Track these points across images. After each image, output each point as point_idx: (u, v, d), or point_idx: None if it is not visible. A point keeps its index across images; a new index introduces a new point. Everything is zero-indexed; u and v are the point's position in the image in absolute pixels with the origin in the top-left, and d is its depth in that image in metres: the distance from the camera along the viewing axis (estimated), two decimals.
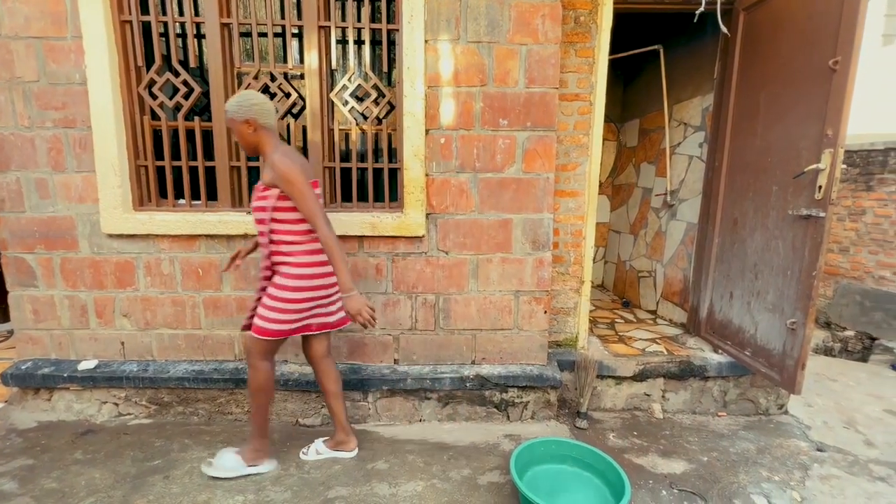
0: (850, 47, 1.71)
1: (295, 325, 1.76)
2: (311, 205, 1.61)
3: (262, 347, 1.75)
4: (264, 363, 1.77)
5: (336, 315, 1.88)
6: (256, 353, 1.75)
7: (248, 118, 1.63)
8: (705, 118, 2.85)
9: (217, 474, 1.81)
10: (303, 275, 1.70)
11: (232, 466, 1.82)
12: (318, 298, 1.77)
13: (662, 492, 1.88)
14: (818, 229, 1.87)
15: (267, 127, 1.67)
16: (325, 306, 1.83)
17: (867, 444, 2.29)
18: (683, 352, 2.62)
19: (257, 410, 1.80)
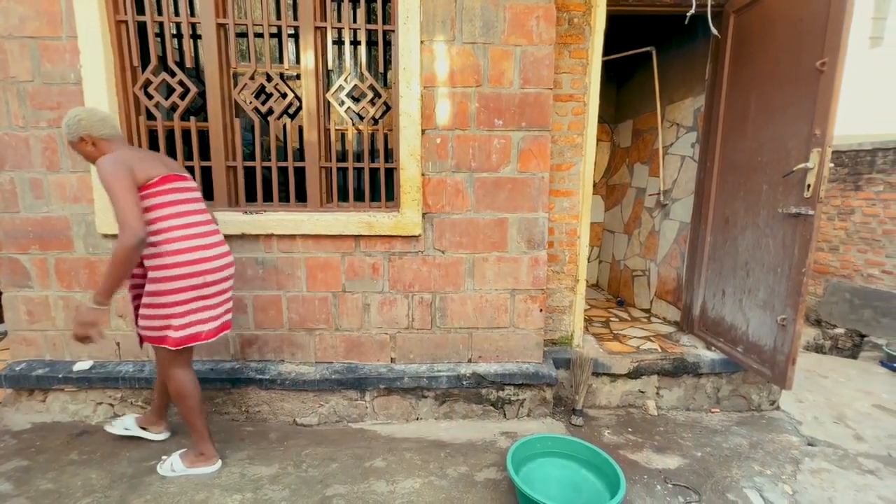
0: (836, 49, 1.76)
1: (181, 332, 1.67)
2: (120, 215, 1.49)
3: (170, 358, 1.72)
4: (178, 371, 1.75)
5: (220, 320, 1.81)
6: (166, 364, 1.74)
7: (81, 135, 1.59)
8: (697, 119, 2.89)
9: (164, 473, 1.82)
10: (165, 277, 1.63)
11: (177, 468, 1.83)
12: (194, 300, 1.68)
13: (657, 486, 1.90)
14: (807, 227, 1.91)
15: (105, 137, 1.62)
16: (209, 308, 1.74)
17: (857, 439, 2.33)
18: (677, 349, 2.65)
19: (188, 415, 1.78)
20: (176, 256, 1.63)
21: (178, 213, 1.67)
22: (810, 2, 1.92)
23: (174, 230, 1.64)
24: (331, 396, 2.26)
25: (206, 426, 1.85)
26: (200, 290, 1.69)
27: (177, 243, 1.64)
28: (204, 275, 1.69)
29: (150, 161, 1.65)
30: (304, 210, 2.24)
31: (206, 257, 1.70)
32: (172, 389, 1.76)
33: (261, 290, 2.26)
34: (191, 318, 1.70)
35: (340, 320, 2.30)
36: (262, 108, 2.20)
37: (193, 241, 1.68)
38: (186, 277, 1.65)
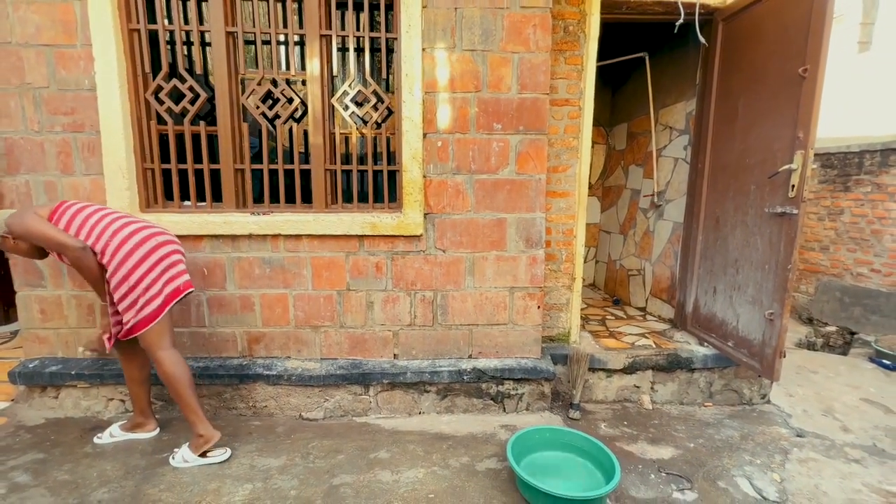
0: (817, 56, 1.85)
1: (158, 300, 1.82)
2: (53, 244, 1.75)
3: (151, 339, 1.83)
4: (166, 353, 1.85)
5: (183, 278, 1.92)
6: (154, 348, 1.84)
7: (3, 234, 1.77)
8: (689, 122, 2.98)
9: (177, 465, 1.89)
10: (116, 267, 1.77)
11: (189, 458, 1.90)
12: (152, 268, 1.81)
13: (651, 475, 1.98)
14: (792, 225, 2.00)
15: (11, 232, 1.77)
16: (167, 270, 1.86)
17: (844, 430, 2.41)
18: (671, 345, 2.74)
19: (181, 400, 1.87)
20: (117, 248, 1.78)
21: (90, 223, 1.80)
22: (793, 12, 2.02)
23: (102, 234, 1.79)
24: (336, 391, 2.33)
25: (200, 405, 1.92)
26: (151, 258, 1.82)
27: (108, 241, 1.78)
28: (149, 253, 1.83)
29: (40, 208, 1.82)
30: (310, 211, 2.32)
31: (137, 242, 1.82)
32: (163, 373, 1.84)
33: (268, 288, 2.34)
34: (163, 280, 1.84)
35: (345, 317, 2.38)
36: (269, 112, 2.28)
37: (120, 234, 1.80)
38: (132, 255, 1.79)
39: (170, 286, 1.86)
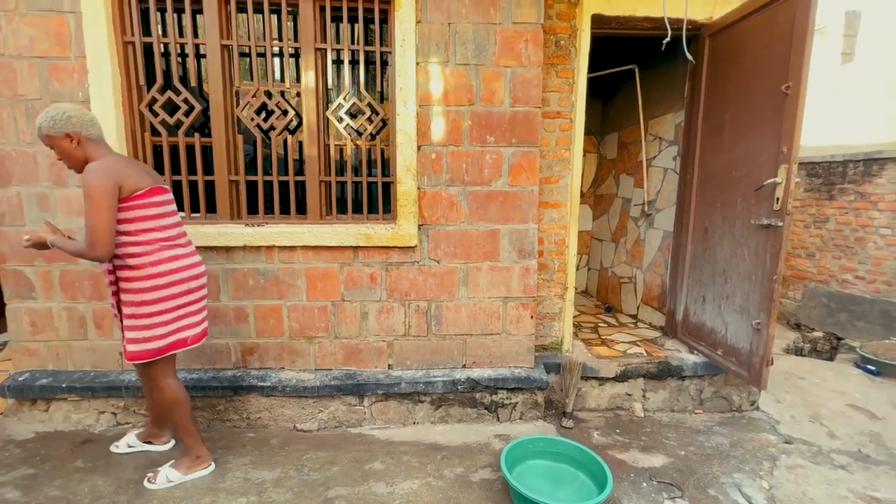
0: (799, 74, 1.91)
1: (168, 339, 1.72)
2: (92, 234, 1.53)
3: (161, 368, 1.75)
4: (169, 381, 1.78)
5: (202, 325, 1.86)
6: (158, 376, 1.76)
7: (68, 132, 1.56)
8: (678, 133, 3.05)
9: (159, 487, 1.83)
10: (150, 287, 1.66)
11: (173, 478, 1.85)
12: (179, 307, 1.73)
13: (643, 484, 2.00)
14: (777, 237, 2.05)
15: (93, 138, 1.62)
16: (192, 315, 1.80)
17: (830, 436, 2.46)
18: (662, 353, 2.78)
19: (181, 423, 1.83)
20: (157, 267, 1.67)
21: (161, 227, 1.71)
22: (775, 30, 2.08)
23: (157, 242, 1.68)
24: (330, 402, 2.34)
25: (197, 428, 1.92)
26: (183, 297, 1.75)
27: (157, 254, 1.68)
28: (188, 281, 1.76)
29: (138, 171, 1.67)
30: (305, 222, 2.33)
31: (186, 265, 1.76)
32: (166, 400, 1.79)
33: (262, 299, 2.34)
34: (178, 325, 1.75)
35: (339, 328, 2.39)
36: (264, 124, 2.29)
37: (174, 251, 1.73)
38: (169, 286, 1.70)
39: (183, 333, 1.77)
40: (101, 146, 1.67)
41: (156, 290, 1.67)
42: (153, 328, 1.69)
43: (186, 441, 1.88)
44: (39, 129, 1.58)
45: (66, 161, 1.64)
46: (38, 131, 1.58)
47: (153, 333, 1.69)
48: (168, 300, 1.71)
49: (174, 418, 1.83)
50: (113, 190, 1.55)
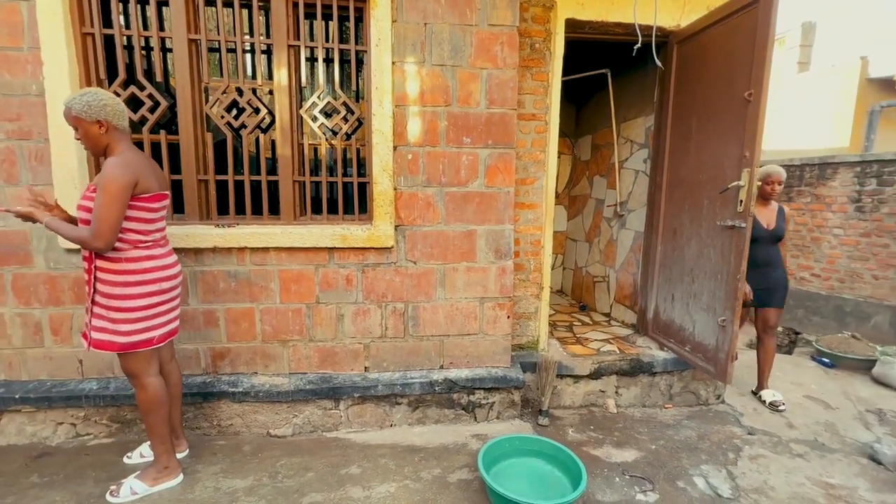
0: (760, 82, 2.00)
1: (133, 337, 1.68)
2: (100, 224, 1.54)
3: (137, 363, 1.72)
4: (149, 379, 1.74)
5: (170, 325, 1.83)
6: (136, 373, 1.73)
7: (99, 118, 1.58)
8: (648, 137, 3.14)
9: (122, 500, 1.75)
10: (122, 282, 1.65)
11: (139, 490, 1.78)
12: (149, 307, 1.71)
13: (616, 478, 2.06)
14: (740, 238, 2.14)
15: (120, 129, 1.64)
16: (161, 315, 1.77)
17: (789, 427, 2.59)
18: (634, 350, 2.86)
19: (154, 429, 1.77)
20: (132, 264, 1.67)
21: (147, 231, 1.71)
22: (738, 38, 2.17)
23: (139, 243, 1.69)
24: (305, 407, 2.29)
25: (170, 437, 1.85)
26: (155, 296, 1.73)
27: (134, 251, 1.68)
28: (161, 282, 1.74)
29: (151, 173, 1.68)
30: (278, 223, 2.28)
31: (160, 266, 1.74)
32: (146, 398, 1.74)
33: (233, 302, 2.27)
34: (145, 324, 1.71)
35: (314, 331, 2.34)
36: (235, 122, 2.22)
37: (151, 251, 1.73)
38: (141, 284, 1.68)
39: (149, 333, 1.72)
40: (125, 139, 1.67)
41: (127, 287, 1.66)
42: (119, 323, 1.66)
43: (156, 448, 1.81)
44: (70, 108, 1.57)
45: (89, 145, 1.64)
46: (68, 111, 1.58)
47: (118, 328, 1.67)
48: (137, 298, 1.68)
49: (149, 419, 1.76)
50: (130, 185, 1.58)
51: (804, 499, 1.95)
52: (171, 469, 1.85)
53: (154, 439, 1.80)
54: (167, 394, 1.80)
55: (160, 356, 1.85)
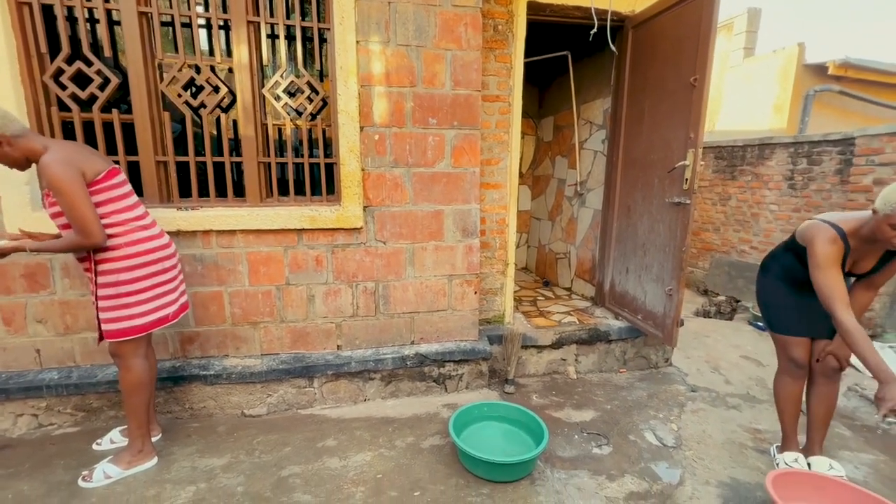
0: (704, 68, 2.16)
1: (148, 317, 1.73)
2: (80, 223, 1.54)
3: (132, 348, 1.75)
4: (136, 360, 1.77)
5: (180, 301, 1.88)
6: (129, 355, 1.75)
7: None
8: (606, 118, 3.28)
9: (96, 485, 1.76)
10: (126, 267, 1.67)
11: (113, 474, 1.79)
12: (157, 286, 1.75)
13: (575, 436, 2.25)
14: (686, 213, 2.33)
15: (18, 134, 1.53)
16: (170, 293, 1.81)
17: (726, 383, 2.89)
18: (592, 321, 3.06)
19: (135, 411, 1.79)
20: (133, 247, 1.68)
21: (127, 207, 1.70)
22: (685, 26, 2.31)
23: (128, 223, 1.69)
24: (279, 386, 2.33)
25: (149, 421, 1.87)
26: (161, 275, 1.77)
27: (130, 235, 1.68)
28: (162, 261, 1.77)
29: (90, 155, 1.63)
30: (244, 205, 2.26)
31: (158, 246, 1.76)
32: (131, 381, 1.75)
33: (200, 286, 2.25)
34: (156, 304, 1.76)
35: (285, 312, 2.37)
36: (194, 101, 2.16)
37: (146, 232, 1.74)
38: (146, 266, 1.71)
39: (162, 311, 1.78)
40: (34, 138, 1.58)
41: (133, 270, 1.68)
42: (132, 307, 1.69)
43: (133, 431, 1.82)
44: None
45: (9, 164, 1.59)
46: None
47: (132, 312, 1.69)
48: (145, 279, 1.71)
49: (132, 401, 1.78)
50: (78, 176, 1.53)
51: (735, 443, 2.22)
52: (145, 452, 1.86)
53: (132, 422, 1.80)
54: (151, 379, 1.81)
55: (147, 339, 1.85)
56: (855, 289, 1.86)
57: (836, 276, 1.65)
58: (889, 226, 1.57)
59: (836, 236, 1.68)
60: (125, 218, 1.68)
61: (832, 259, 1.66)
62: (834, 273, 1.65)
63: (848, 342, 1.57)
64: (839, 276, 1.66)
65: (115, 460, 1.81)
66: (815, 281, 1.68)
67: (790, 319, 1.93)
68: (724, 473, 1.98)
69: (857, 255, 1.74)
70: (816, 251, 1.69)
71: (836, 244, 1.67)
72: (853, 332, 1.55)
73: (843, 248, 1.67)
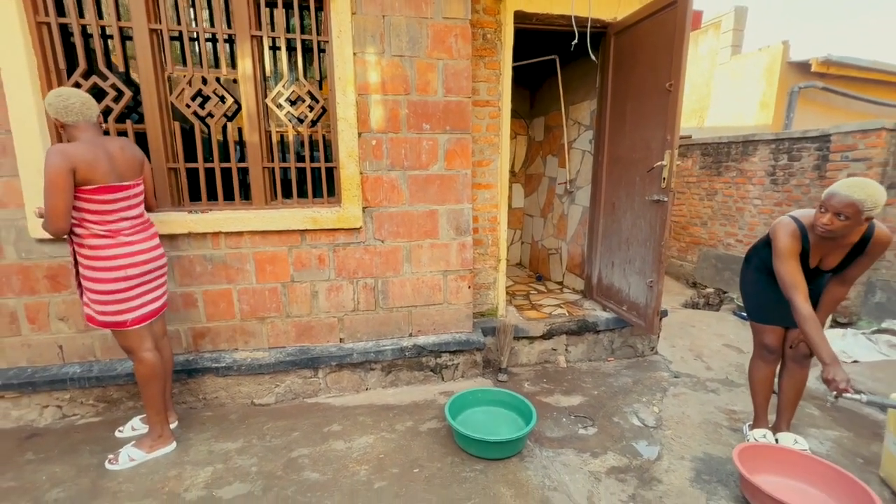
0: (678, 74, 2.31)
1: (125, 315, 1.83)
2: (48, 211, 1.62)
3: (130, 340, 1.87)
4: (144, 353, 1.89)
5: (162, 299, 2.01)
6: (135, 346, 1.88)
7: (56, 119, 1.70)
8: (593, 119, 3.44)
9: (122, 468, 1.91)
10: (96, 267, 1.76)
11: (136, 457, 1.94)
12: (125, 290, 1.82)
13: (563, 419, 2.42)
14: (664, 210, 2.49)
15: (70, 124, 1.70)
16: (137, 297, 1.87)
17: (707, 369, 3.06)
18: (581, 312, 3.23)
19: (151, 400, 1.93)
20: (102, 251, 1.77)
21: (108, 220, 1.77)
22: (661, 34, 2.46)
23: (101, 233, 1.77)
24: (286, 377, 2.49)
25: (165, 408, 2.02)
26: (124, 282, 1.82)
27: (102, 239, 1.77)
28: (128, 268, 1.83)
29: (100, 164, 1.69)
30: (250, 208, 2.41)
31: (130, 252, 1.83)
32: (144, 372, 1.89)
33: (210, 284, 2.40)
34: (141, 301, 1.89)
35: (291, 308, 2.52)
36: (201, 111, 2.30)
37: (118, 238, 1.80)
38: (113, 269, 1.79)
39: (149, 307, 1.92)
40: (80, 130, 1.72)
41: (95, 271, 1.78)
42: (94, 303, 1.83)
43: (151, 418, 1.97)
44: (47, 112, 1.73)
45: None
46: None
47: (95, 308, 1.82)
48: (103, 282, 1.79)
49: (147, 391, 1.92)
50: (66, 171, 1.61)
51: (711, 422, 2.39)
52: (164, 437, 2.02)
53: (150, 410, 1.95)
54: (163, 367, 1.95)
55: (153, 333, 1.98)
56: (829, 283, 2.00)
57: (794, 266, 1.81)
58: (819, 212, 1.73)
59: (797, 230, 1.84)
60: (96, 228, 1.75)
61: (791, 251, 1.82)
62: (792, 264, 1.82)
63: (801, 326, 1.73)
64: (797, 266, 1.82)
65: (137, 444, 1.97)
66: (776, 270, 1.85)
67: (766, 309, 2.09)
68: (699, 449, 2.15)
69: (823, 252, 1.87)
70: (778, 244, 1.85)
71: (795, 237, 1.84)
72: (807, 319, 1.72)
73: (800, 241, 1.84)
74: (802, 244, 1.84)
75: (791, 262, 1.81)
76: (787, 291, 1.80)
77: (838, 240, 1.78)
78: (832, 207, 1.69)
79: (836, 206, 1.68)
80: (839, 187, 1.69)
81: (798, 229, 1.84)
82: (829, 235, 1.74)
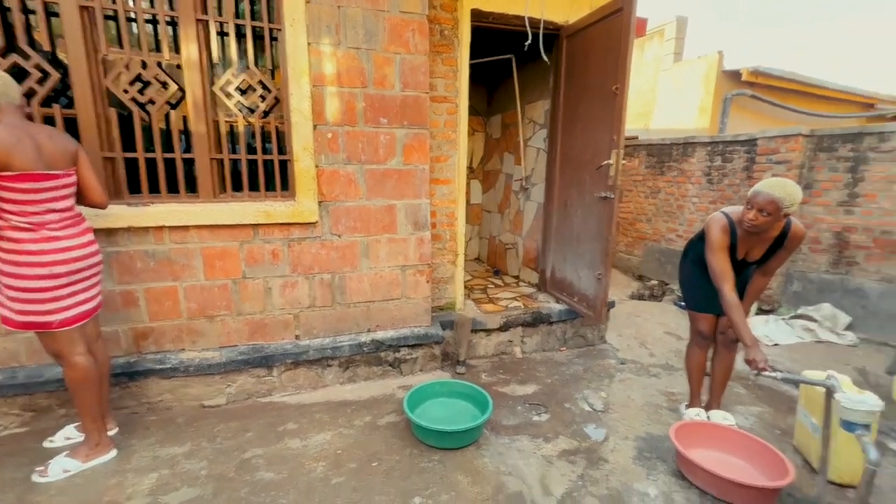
0: (624, 78, 2.45)
1: (51, 316, 1.70)
2: None
3: (59, 344, 1.74)
4: (76, 358, 1.76)
5: (96, 299, 1.88)
6: (64, 350, 1.74)
7: None
8: (547, 118, 3.56)
9: (53, 479, 1.77)
10: (18, 262, 1.63)
11: (71, 468, 1.81)
12: (52, 289, 1.69)
13: (518, 407, 2.51)
14: (610, 206, 2.64)
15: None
16: (67, 297, 1.74)
17: (650, 356, 3.28)
18: (535, 305, 3.35)
19: (86, 407, 1.80)
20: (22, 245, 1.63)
21: (29, 212, 1.63)
22: (609, 39, 2.59)
23: (22, 225, 1.62)
24: (238, 376, 2.41)
25: (103, 415, 1.89)
26: (51, 279, 1.68)
27: (23, 233, 1.63)
28: (55, 265, 1.68)
29: (21, 148, 1.56)
30: (197, 201, 2.29)
31: (58, 248, 1.69)
32: (75, 378, 1.76)
33: (153, 282, 2.27)
34: (71, 301, 1.74)
35: (242, 305, 2.43)
36: (141, 97, 2.16)
37: (42, 232, 1.66)
38: (36, 266, 1.65)
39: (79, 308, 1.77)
40: (5, 113, 1.61)
41: (15, 266, 1.63)
42: (12, 301, 1.67)
43: (87, 426, 1.84)
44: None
45: None
46: None
47: (12, 306, 1.68)
48: (24, 279, 1.64)
49: (80, 397, 1.78)
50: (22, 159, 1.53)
51: (653, 404, 2.57)
52: (102, 445, 1.89)
53: (85, 418, 1.82)
54: (97, 372, 1.82)
55: (85, 335, 1.84)
56: (754, 275, 2.20)
57: (723, 258, 1.99)
58: (745, 209, 1.93)
59: (727, 225, 2.02)
60: (16, 219, 1.62)
61: (721, 244, 2.00)
62: (722, 256, 1.99)
63: (727, 313, 1.91)
64: (726, 258, 2.00)
65: (72, 454, 1.84)
66: (708, 262, 2.02)
67: (700, 298, 2.27)
68: (642, 429, 2.31)
69: (749, 245, 2.06)
70: (710, 237, 2.02)
71: (725, 231, 2.01)
72: (732, 306, 1.89)
73: (730, 235, 2.01)
74: (731, 238, 2.02)
75: (720, 254, 1.99)
76: (716, 281, 1.97)
77: (762, 234, 1.97)
78: (756, 204, 1.87)
79: (759, 203, 1.86)
80: (762, 186, 1.87)
81: (728, 224, 2.02)
82: (755, 230, 1.92)
